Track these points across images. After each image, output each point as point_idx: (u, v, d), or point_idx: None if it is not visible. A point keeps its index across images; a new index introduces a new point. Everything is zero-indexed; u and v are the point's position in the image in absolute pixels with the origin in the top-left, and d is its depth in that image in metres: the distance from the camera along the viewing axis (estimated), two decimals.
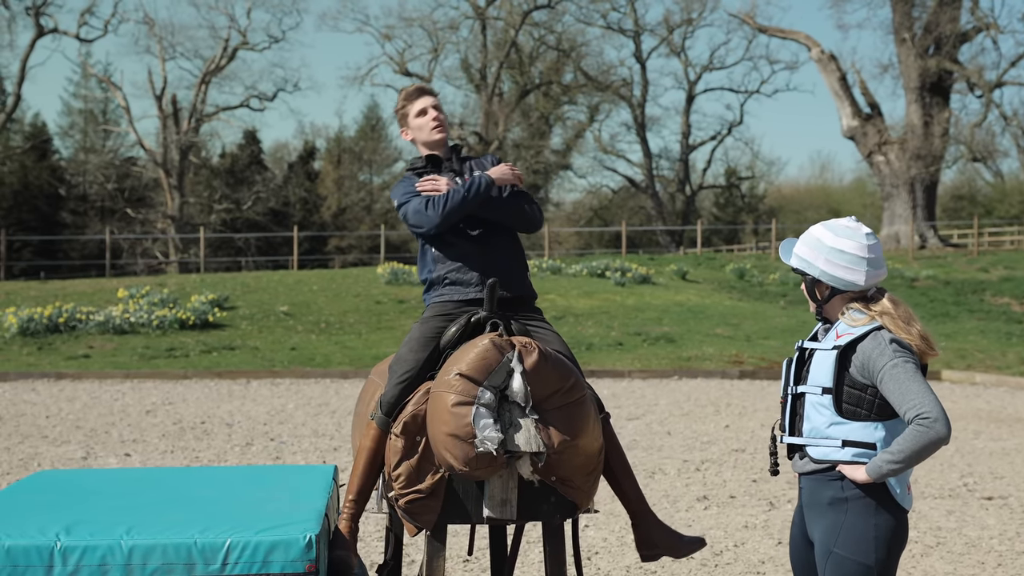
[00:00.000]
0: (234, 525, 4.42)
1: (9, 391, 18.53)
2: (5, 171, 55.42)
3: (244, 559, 4.23)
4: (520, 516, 4.52)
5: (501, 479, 4.47)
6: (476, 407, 4.32)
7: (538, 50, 64.42)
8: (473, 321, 4.79)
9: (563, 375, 4.46)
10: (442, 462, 4.40)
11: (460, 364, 4.39)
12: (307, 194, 65.01)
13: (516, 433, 4.34)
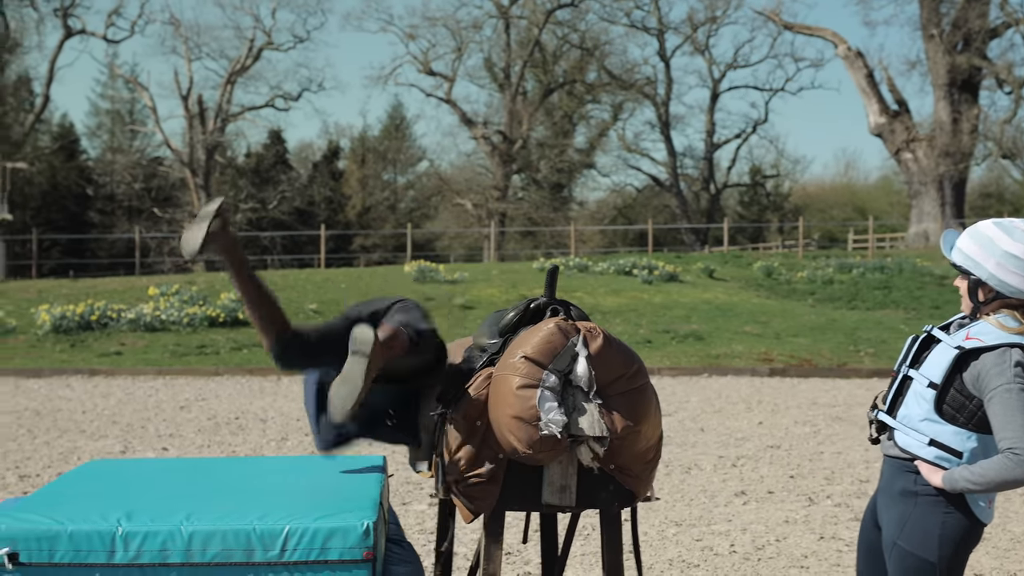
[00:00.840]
0: (291, 512, 4.44)
1: (44, 387, 18.64)
2: (34, 171, 55.67)
3: (302, 546, 4.24)
4: (579, 503, 4.52)
5: (561, 465, 4.46)
6: (541, 390, 4.32)
7: (562, 49, 64.43)
8: (532, 307, 4.79)
9: (627, 361, 4.45)
10: (505, 445, 4.40)
11: (525, 347, 4.39)
12: (332, 193, 65.16)
13: (580, 417, 4.34)
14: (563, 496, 4.47)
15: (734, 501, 9.30)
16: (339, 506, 4.54)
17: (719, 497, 9.46)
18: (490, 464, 4.49)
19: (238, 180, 62.61)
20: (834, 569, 7.17)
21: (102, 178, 62.06)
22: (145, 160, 62.43)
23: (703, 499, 9.37)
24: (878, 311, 27.94)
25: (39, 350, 22.95)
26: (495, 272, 33.24)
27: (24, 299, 28.19)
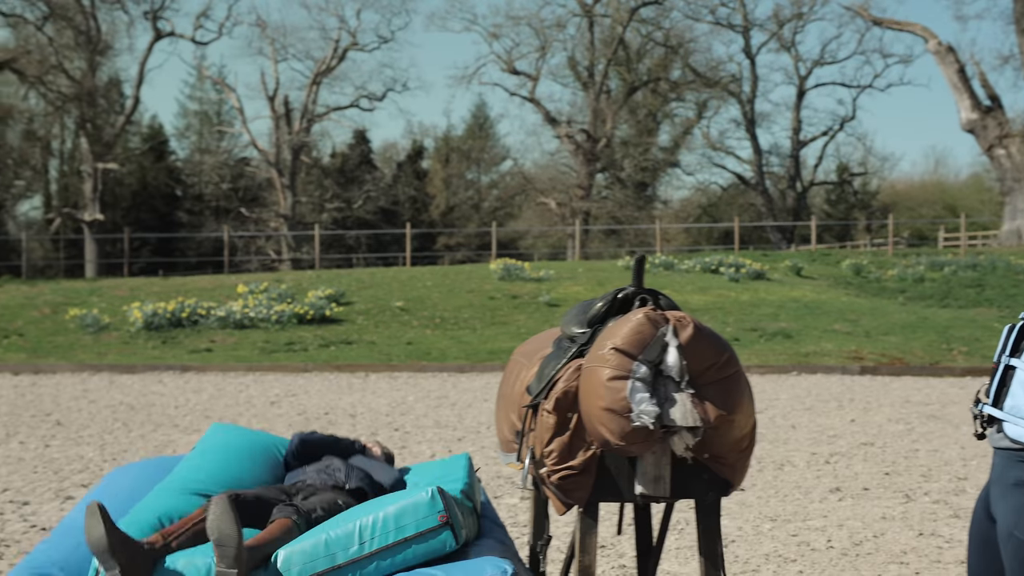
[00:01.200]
0: (365, 509, 4.47)
1: (138, 382, 18.93)
2: (125, 172, 56.56)
3: (378, 533, 4.27)
4: (673, 494, 4.48)
5: (654, 455, 4.43)
6: (632, 381, 4.28)
7: (646, 47, 64.16)
8: (620, 297, 4.76)
9: (718, 349, 4.40)
10: (596, 437, 4.38)
11: (615, 338, 4.36)
12: (416, 193, 65.47)
13: (672, 407, 4.30)
14: (657, 487, 4.44)
15: (829, 497, 9.20)
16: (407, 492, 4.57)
17: (813, 493, 9.36)
18: (583, 456, 4.47)
19: (323, 180, 63.11)
20: (935, 565, 7.06)
21: (190, 178, 62.87)
22: (232, 160, 63.14)
23: (797, 495, 9.27)
24: (971, 309, 27.50)
25: (132, 346, 23.32)
26: (580, 270, 33.20)
27: (117, 297, 28.65)
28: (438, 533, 4.30)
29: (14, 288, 31.26)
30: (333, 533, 4.30)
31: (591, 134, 60.38)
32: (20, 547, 7.39)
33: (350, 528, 4.29)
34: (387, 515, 4.30)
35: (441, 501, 4.32)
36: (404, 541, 4.28)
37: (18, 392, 17.53)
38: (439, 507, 4.30)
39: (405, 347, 23.20)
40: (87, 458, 11.05)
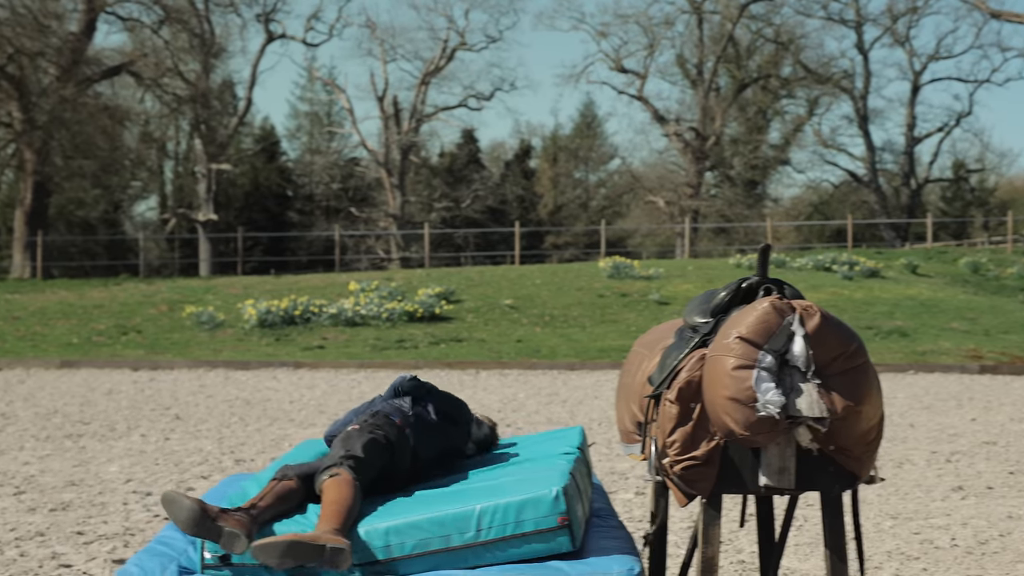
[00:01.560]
0: (483, 492, 4.47)
1: (252, 379, 19.21)
2: (237, 173, 57.44)
3: (496, 523, 4.26)
4: (798, 485, 4.42)
5: (779, 447, 4.37)
6: (757, 370, 4.23)
7: (756, 43, 63.55)
8: (744, 287, 4.71)
9: (845, 339, 4.33)
10: (720, 427, 4.33)
11: (740, 327, 4.31)
12: (524, 192, 65.57)
13: (798, 398, 4.24)
14: (782, 478, 4.37)
15: (951, 496, 9.02)
16: (529, 479, 4.55)
17: (935, 492, 9.19)
18: (706, 446, 4.43)
19: (432, 179, 63.49)
20: None
21: (301, 179, 63.64)
22: (342, 161, 63.77)
23: (918, 493, 9.11)
24: None
25: (246, 343, 23.68)
26: (690, 268, 33.01)
27: (231, 295, 29.12)
28: (556, 534, 4.28)
29: (132, 286, 31.93)
30: (451, 512, 4.29)
31: (700, 132, 59.98)
32: (144, 535, 7.52)
33: (469, 510, 4.28)
34: (509, 504, 4.28)
35: (564, 502, 4.30)
36: (521, 536, 4.27)
37: (137, 387, 17.88)
38: (561, 508, 4.28)
39: (515, 345, 23.25)
40: (206, 451, 11.23)
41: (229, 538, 4.07)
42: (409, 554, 4.24)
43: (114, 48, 50.22)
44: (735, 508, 7.84)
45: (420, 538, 4.24)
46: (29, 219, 41.05)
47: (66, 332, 25.33)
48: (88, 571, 6.63)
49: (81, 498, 8.83)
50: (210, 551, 4.21)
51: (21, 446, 11.58)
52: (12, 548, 7.15)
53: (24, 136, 41.15)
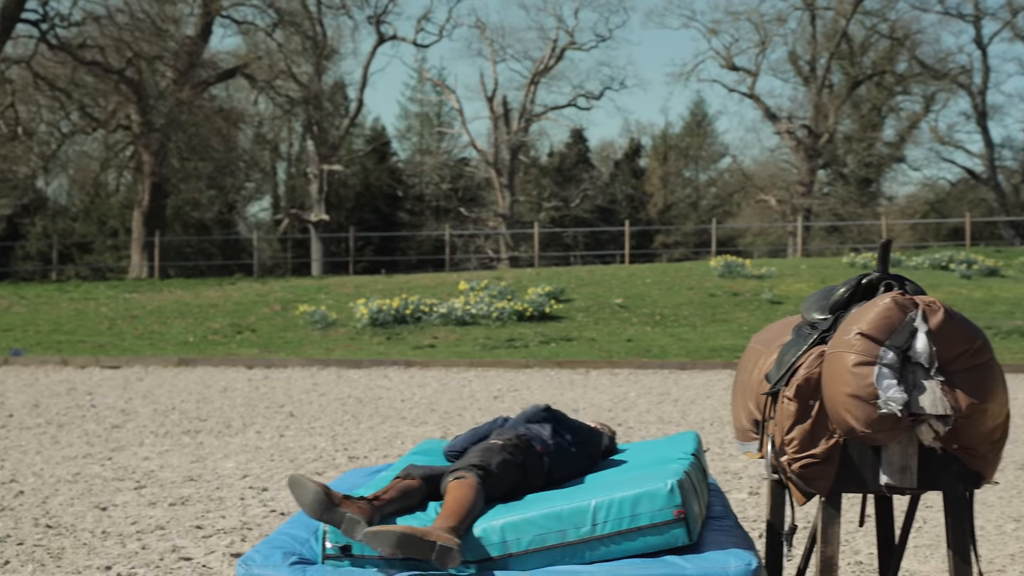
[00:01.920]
0: (596, 488, 4.46)
1: (364, 377, 19.39)
2: (349, 173, 58.00)
3: (612, 517, 4.24)
4: (920, 485, 4.34)
5: (900, 445, 4.30)
6: (879, 367, 4.16)
7: (870, 39, 62.58)
8: (864, 283, 4.64)
9: (970, 336, 4.24)
10: (840, 425, 4.26)
11: (860, 323, 4.24)
12: (633, 191, 65.35)
13: (920, 395, 4.16)
14: (903, 477, 4.30)
15: None
16: (644, 475, 4.53)
17: None
18: (825, 444, 4.37)
19: (541, 179, 63.53)
20: None
21: (411, 179, 64.07)
22: (452, 161, 64.09)
23: None
24: None
25: (358, 342, 23.91)
26: (803, 267, 32.64)
27: (343, 294, 29.43)
28: (672, 527, 4.25)
29: (246, 286, 32.42)
30: (567, 507, 4.29)
31: (812, 129, 59.25)
32: (261, 530, 7.63)
33: (585, 505, 4.28)
34: (624, 499, 4.27)
35: (679, 495, 4.27)
36: (637, 529, 4.25)
37: (252, 385, 18.14)
38: (676, 501, 4.25)
39: (625, 344, 23.17)
40: (320, 448, 11.35)
41: (350, 524, 4.11)
42: (525, 550, 4.24)
43: (229, 51, 51.10)
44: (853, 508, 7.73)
45: (536, 533, 4.24)
46: (147, 220, 41.88)
47: (183, 331, 25.80)
48: (207, 564, 6.74)
49: (199, 493, 8.98)
50: (331, 541, 4.26)
51: (141, 442, 11.81)
52: (134, 541, 7.29)
53: (142, 138, 42.01)
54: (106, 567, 6.61)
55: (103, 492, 8.99)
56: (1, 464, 10.34)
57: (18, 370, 20.87)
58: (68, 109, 42.56)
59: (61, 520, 7.92)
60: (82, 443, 11.68)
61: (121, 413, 14.34)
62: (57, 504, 8.49)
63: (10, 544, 7.19)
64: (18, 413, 14.25)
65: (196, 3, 44.47)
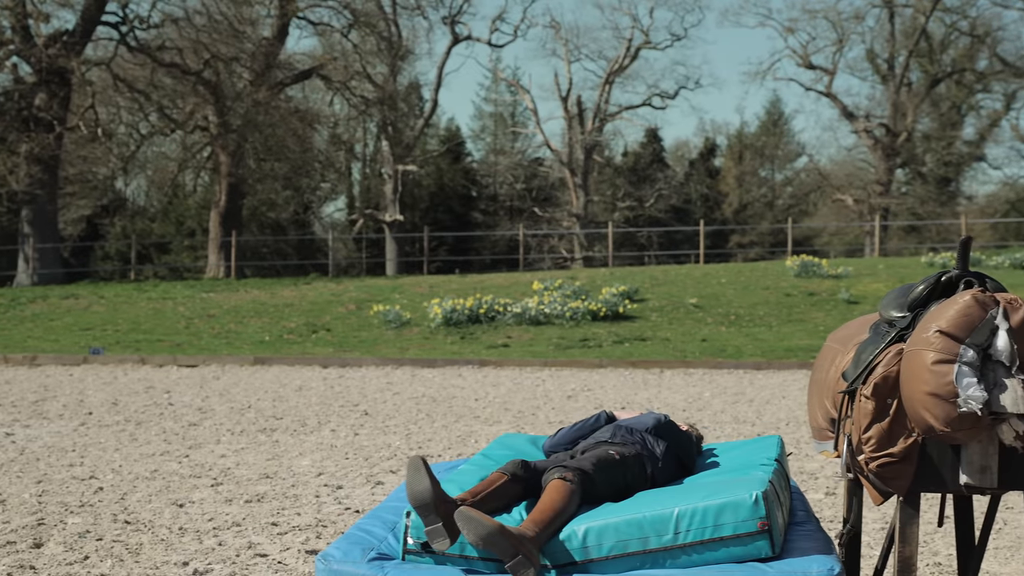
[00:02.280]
0: (680, 495, 4.42)
1: (438, 376, 19.45)
2: (423, 174, 58.23)
3: (695, 526, 4.21)
4: (1000, 485, 4.26)
5: (980, 444, 4.23)
6: (959, 365, 4.09)
7: (950, 37, 61.78)
8: (944, 280, 4.57)
9: None
10: (919, 423, 4.20)
11: (940, 321, 4.18)
12: (708, 191, 65.01)
13: (1001, 393, 4.09)
14: (983, 477, 4.23)
15: None
16: (729, 483, 4.49)
17: None
18: (903, 443, 4.31)
19: (615, 179, 63.38)
20: None
21: (485, 179, 64.18)
22: (526, 161, 64.11)
23: None
24: None
25: (432, 341, 23.98)
26: (880, 267, 32.29)
27: (417, 294, 29.54)
28: (756, 539, 4.22)
29: (321, 285, 32.64)
30: (649, 514, 4.27)
31: (890, 128, 58.61)
32: (336, 527, 7.66)
33: (667, 513, 4.26)
34: (708, 508, 4.24)
35: (764, 506, 4.23)
36: (720, 540, 4.22)
37: (327, 384, 18.25)
38: (760, 513, 4.22)
39: (700, 344, 23.05)
40: (394, 446, 11.40)
41: (435, 533, 4.15)
42: (606, 556, 4.23)
43: (305, 52, 51.49)
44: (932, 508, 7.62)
45: (618, 540, 4.23)
46: (223, 220, 42.31)
47: (258, 330, 26.03)
48: (282, 560, 6.78)
49: (275, 490, 9.04)
50: (413, 537, 4.28)
51: (218, 439, 11.93)
52: (210, 537, 7.36)
53: (219, 139, 42.45)
54: (183, 563, 6.68)
55: (180, 489, 9.09)
56: (81, 461, 10.49)
57: (97, 368, 21.18)
58: (147, 110, 43.09)
59: (139, 516, 8.01)
60: (160, 440, 11.82)
61: (198, 411, 14.49)
62: (135, 500, 8.59)
63: (89, 539, 7.28)
64: (97, 411, 14.45)
65: (273, 5, 44.84)
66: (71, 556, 6.83)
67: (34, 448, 11.23)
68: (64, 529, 7.59)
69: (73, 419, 13.56)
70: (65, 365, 21.80)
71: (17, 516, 7.98)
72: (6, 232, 45.25)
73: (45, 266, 38.72)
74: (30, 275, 38.23)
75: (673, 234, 59.81)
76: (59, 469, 10.00)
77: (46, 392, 16.72)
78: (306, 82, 49.17)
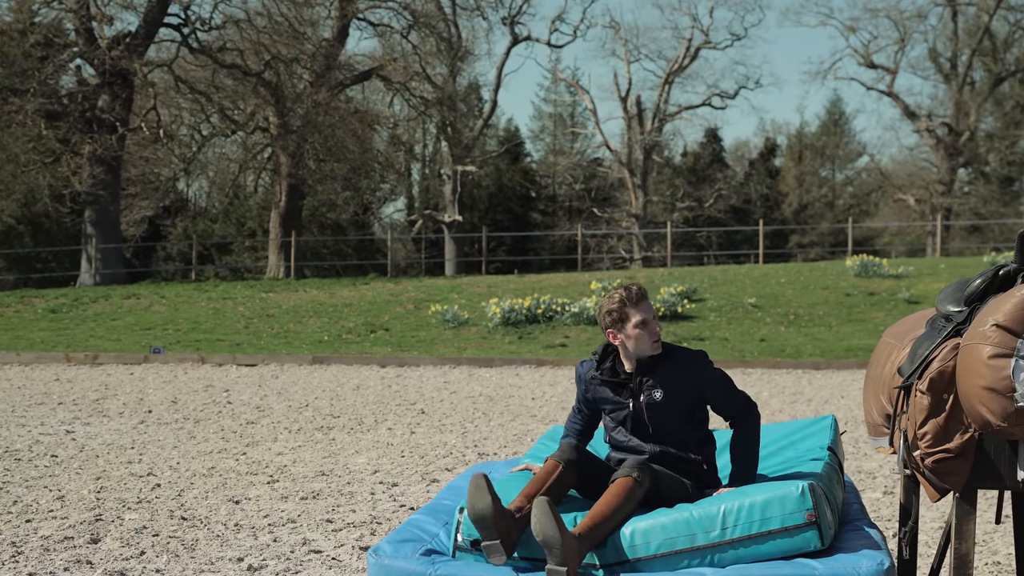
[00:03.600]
0: (729, 494, 4.40)
1: (496, 375, 19.47)
2: (482, 174, 58.31)
3: (742, 520, 4.20)
4: None
5: None
6: (1016, 360, 4.04)
7: (1014, 35, 61.04)
8: (1001, 274, 4.52)
9: None
10: (975, 418, 4.15)
11: (996, 315, 4.13)
12: (768, 191, 64.63)
13: None
14: None
15: None
16: (774, 479, 4.48)
17: None
18: (959, 439, 4.25)
19: (675, 179, 63.17)
20: None
21: (544, 179, 64.16)
22: (585, 161, 64.03)
23: None
24: None
25: (489, 341, 24.00)
26: (942, 267, 31.95)
27: (475, 294, 29.58)
28: (804, 531, 4.19)
29: (380, 285, 32.76)
30: (696, 513, 4.26)
31: (953, 127, 58.00)
32: (390, 524, 7.68)
33: (714, 511, 4.24)
34: (753, 503, 4.22)
35: (811, 498, 4.20)
36: (768, 533, 4.20)
37: (385, 383, 18.31)
38: (808, 505, 4.19)
39: (758, 344, 22.91)
40: (450, 444, 11.41)
41: (492, 549, 4.21)
42: (654, 554, 4.23)
43: (365, 53, 51.66)
44: (991, 508, 7.52)
45: (665, 538, 4.23)
46: (283, 220, 42.58)
47: (317, 330, 26.17)
48: (337, 557, 6.80)
49: (330, 487, 9.08)
50: (464, 535, 4.30)
51: (275, 437, 12.00)
52: (266, 533, 7.40)
53: (279, 140, 42.70)
54: (238, 559, 6.71)
55: (237, 486, 9.14)
56: (139, 458, 10.58)
57: (158, 367, 21.37)
58: (208, 112, 43.43)
59: (195, 512, 8.07)
60: (217, 438, 11.90)
61: (256, 409, 14.58)
62: (192, 497, 8.66)
63: (146, 535, 7.34)
64: (157, 409, 14.58)
65: (333, 6, 45.05)
66: (127, 551, 6.88)
67: (94, 445, 11.35)
68: (121, 525, 7.65)
69: (133, 417, 13.69)
70: (126, 364, 22.02)
71: (75, 512, 8.06)
72: (69, 233, 45.82)
73: (108, 266, 39.14)
74: (93, 275, 38.66)
75: (732, 234, 59.51)
76: (118, 466, 10.09)
77: (107, 391, 16.90)
78: (366, 83, 49.38)
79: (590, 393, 4.98)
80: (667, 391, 4.75)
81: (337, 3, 44.56)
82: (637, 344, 4.79)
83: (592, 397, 4.98)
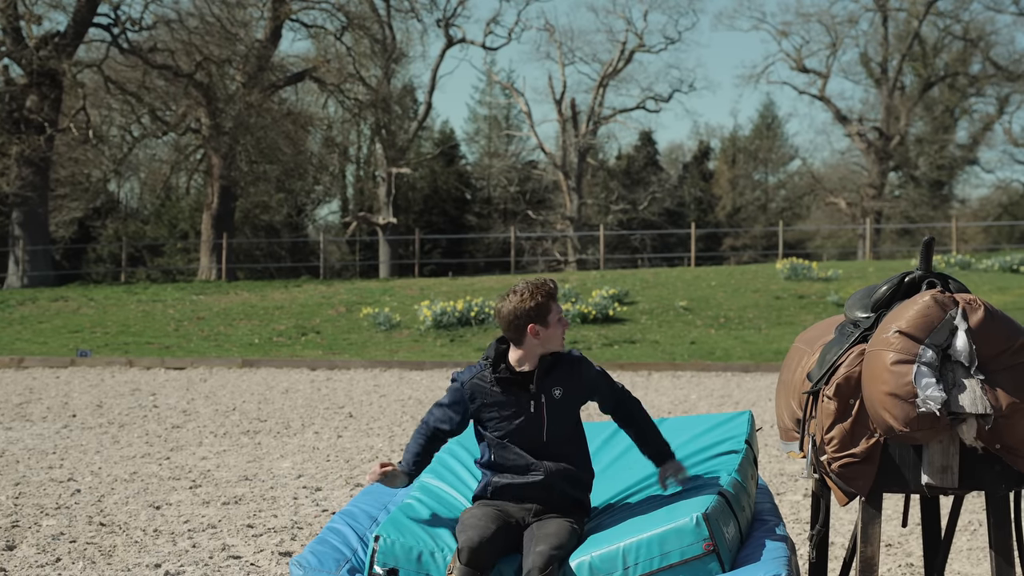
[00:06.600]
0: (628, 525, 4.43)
1: (426, 378, 19.45)
2: (417, 176, 58.22)
3: (642, 558, 4.24)
4: (961, 484, 4.27)
5: (941, 444, 4.23)
6: (917, 365, 4.10)
7: (943, 41, 61.85)
8: (907, 281, 4.57)
9: (1012, 334, 4.18)
10: (879, 424, 4.20)
11: (899, 321, 4.18)
12: (702, 194, 65.05)
13: (960, 394, 4.10)
14: (944, 477, 4.24)
15: None
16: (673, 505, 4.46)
17: None
18: (865, 443, 4.31)
19: (609, 182, 63.38)
20: None
21: (479, 181, 64.15)
22: (520, 164, 64.08)
23: None
24: None
25: (421, 344, 23.97)
26: (871, 269, 32.31)
27: (408, 296, 29.53)
28: (704, 561, 4.22)
29: (312, 288, 32.62)
30: (596, 554, 4.28)
31: (884, 132, 58.70)
32: (312, 529, 7.65)
33: (613, 552, 4.27)
34: (652, 538, 4.25)
35: (706, 528, 4.22)
36: (669, 568, 4.23)
37: (314, 386, 18.24)
38: (704, 535, 4.21)
39: (689, 346, 23.05)
40: (376, 448, 11.39)
41: None
42: None
43: (298, 55, 51.40)
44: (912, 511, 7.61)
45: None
46: (216, 222, 42.28)
47: (248, 332, 26.01)
48: (256, 563, 6.77)
49: (253, 492, 9.03)
50: (379, 564, 4.30)
51: (200, 442, 11.91)
52: (185, 539, 7.35)
53: (211, 141, 42.41)
54: (155, 565, 6.67)
55: (158, 491, 9.07)
56: (61, 463, 10.47)
57: (84, 371, 21.15)
58: (139, 113, 43.04)
59: (115, 518, 8.00)
60: (142, 443, 11.80)
61: (182, 414, 14.47)
62: (112, 503, 8.58)
63: (63, 541, 7.27)
64: (81, 413, 14.43)
65: (266, 7, 44.80)
66: (43, 558, 6.81)
67: (15, 450, 11.21)
68: (38, 531, 7.57)
69: (56, 421, 13.54)
70: (52, 367, 21.77)
71: None
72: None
73: (36, 268, 38.67)
74: (20, 277, 38.17)
75: (666, 237, 59.80)
76: (38, 471, 9.98)
77: (31, 394, 16.70)
78: (299, 84, 49.14)
79: (478, 401, 4.74)
80: (564, 389, 4.73)
81: (270, 4, 44.34)
82: (553, 339, 4.74)
83: (479, 405, 4.74)
